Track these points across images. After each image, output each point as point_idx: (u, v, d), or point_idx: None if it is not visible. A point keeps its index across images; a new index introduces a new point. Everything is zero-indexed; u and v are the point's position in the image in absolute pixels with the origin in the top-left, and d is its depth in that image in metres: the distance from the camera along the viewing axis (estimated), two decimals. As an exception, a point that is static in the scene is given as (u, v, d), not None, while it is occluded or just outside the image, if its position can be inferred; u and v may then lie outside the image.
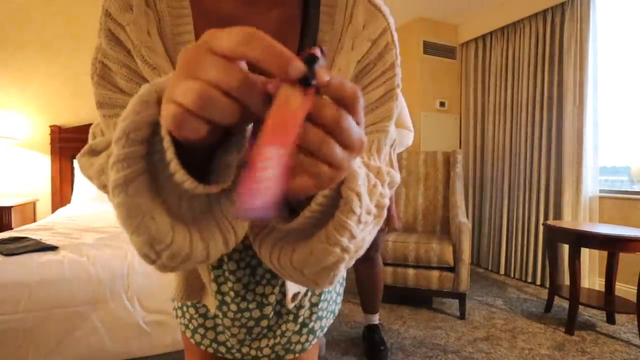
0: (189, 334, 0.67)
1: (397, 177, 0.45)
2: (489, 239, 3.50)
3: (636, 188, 2.64)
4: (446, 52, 3.68)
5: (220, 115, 0.24)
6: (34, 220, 2.84)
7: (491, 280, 3.16)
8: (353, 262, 0.40)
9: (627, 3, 2.69)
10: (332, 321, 0.72)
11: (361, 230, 0.37)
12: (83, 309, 1.14)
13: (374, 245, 1.85)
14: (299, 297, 0.61)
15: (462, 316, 2.31)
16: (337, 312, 0.73)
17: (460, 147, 3.81)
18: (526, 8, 3.07)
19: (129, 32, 0.42)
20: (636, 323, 2.21)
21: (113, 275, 1.19)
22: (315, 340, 0.67)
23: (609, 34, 2.79)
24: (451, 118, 3.74)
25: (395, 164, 0.52)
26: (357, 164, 0.36)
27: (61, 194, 2.85)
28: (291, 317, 0.63)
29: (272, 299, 0.60)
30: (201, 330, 0.66)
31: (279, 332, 0.63)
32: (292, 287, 0.59)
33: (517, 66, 3.25)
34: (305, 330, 0.65)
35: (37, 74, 2.86)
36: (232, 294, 0.58)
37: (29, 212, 2.75)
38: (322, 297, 0.67)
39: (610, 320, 2.26)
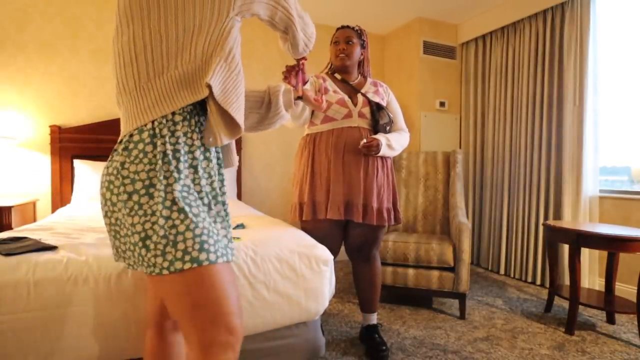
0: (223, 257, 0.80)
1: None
2: (489, 239, 3.50)
3: (636, 188, 2.64)
4: (446, 52, 3.68)
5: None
6: (34, 220, 2.84)
7: (491, 280, 3.16)
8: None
9: (627, 3, 2.69)
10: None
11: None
12: (83, 309, 1.14)
13: (376, 244, 1.85)
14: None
15: (462, 316, 2.31)
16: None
17: (460, 147, 3.81)
18: (526, 8, 3.07)
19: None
20: (636, 323, 2.21)
21: (113, 275, 1.19)
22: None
23: (609, 34, 2.79)
24: (451, 118, 3.74)
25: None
26: None
27: (61, 194, 2.85)
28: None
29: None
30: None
31: None
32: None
33: (517, 66, 3.24)
34: None
35: (37, 74, 2.86)
36: None
37: (29, 212, 2.74)
38: None
39: (610, 320, 2.26)
